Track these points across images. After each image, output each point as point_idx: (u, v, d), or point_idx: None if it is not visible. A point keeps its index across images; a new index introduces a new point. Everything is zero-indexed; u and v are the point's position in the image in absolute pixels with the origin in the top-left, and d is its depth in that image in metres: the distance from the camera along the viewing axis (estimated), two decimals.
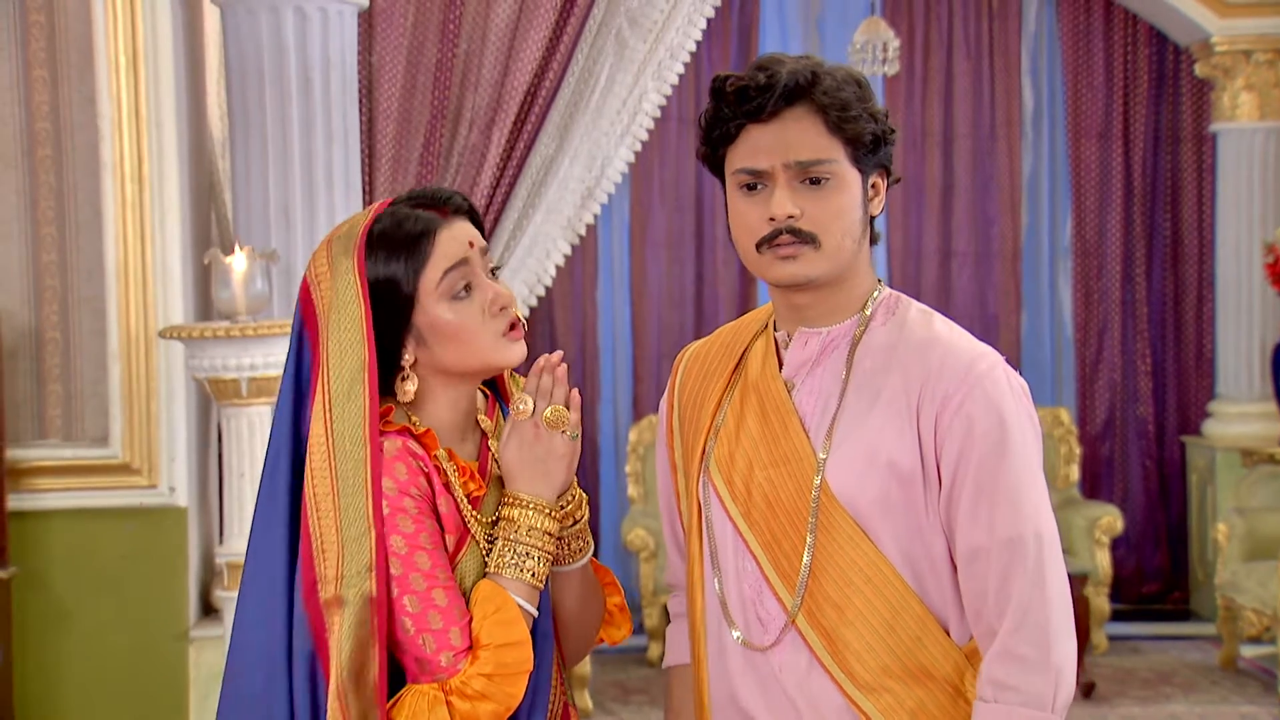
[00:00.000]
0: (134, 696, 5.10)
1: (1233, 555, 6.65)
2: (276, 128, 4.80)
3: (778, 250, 2.05)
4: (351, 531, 1.92)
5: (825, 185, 2.04)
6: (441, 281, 1.99)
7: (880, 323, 2.12)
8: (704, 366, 2.25)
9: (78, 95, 4.98)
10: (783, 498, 2.09)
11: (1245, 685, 6.43)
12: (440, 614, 1.93)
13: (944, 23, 7.66)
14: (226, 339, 4.58)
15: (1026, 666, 1.97)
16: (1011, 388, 2.06)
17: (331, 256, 2.01)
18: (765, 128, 2.05)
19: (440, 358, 2.02)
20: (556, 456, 2.01)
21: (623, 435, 7.60)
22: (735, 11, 7.50)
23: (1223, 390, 7.41)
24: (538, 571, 1.99)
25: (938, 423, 2.03)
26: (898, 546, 2.05)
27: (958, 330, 2.13)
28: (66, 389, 5.06)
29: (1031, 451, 2.05)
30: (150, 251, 4.97)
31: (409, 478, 1.96)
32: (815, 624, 2.06)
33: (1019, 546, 1.99)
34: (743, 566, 2.12)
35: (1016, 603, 1.98)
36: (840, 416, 2.08)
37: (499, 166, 5.45)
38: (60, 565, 5.06)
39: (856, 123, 2.05)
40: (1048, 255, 7.78)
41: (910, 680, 2.04)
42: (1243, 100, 7.27)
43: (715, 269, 7.63)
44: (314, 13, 4.78)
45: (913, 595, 2.04)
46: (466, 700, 1.91)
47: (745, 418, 2.15)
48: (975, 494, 2.01)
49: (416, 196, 2.06)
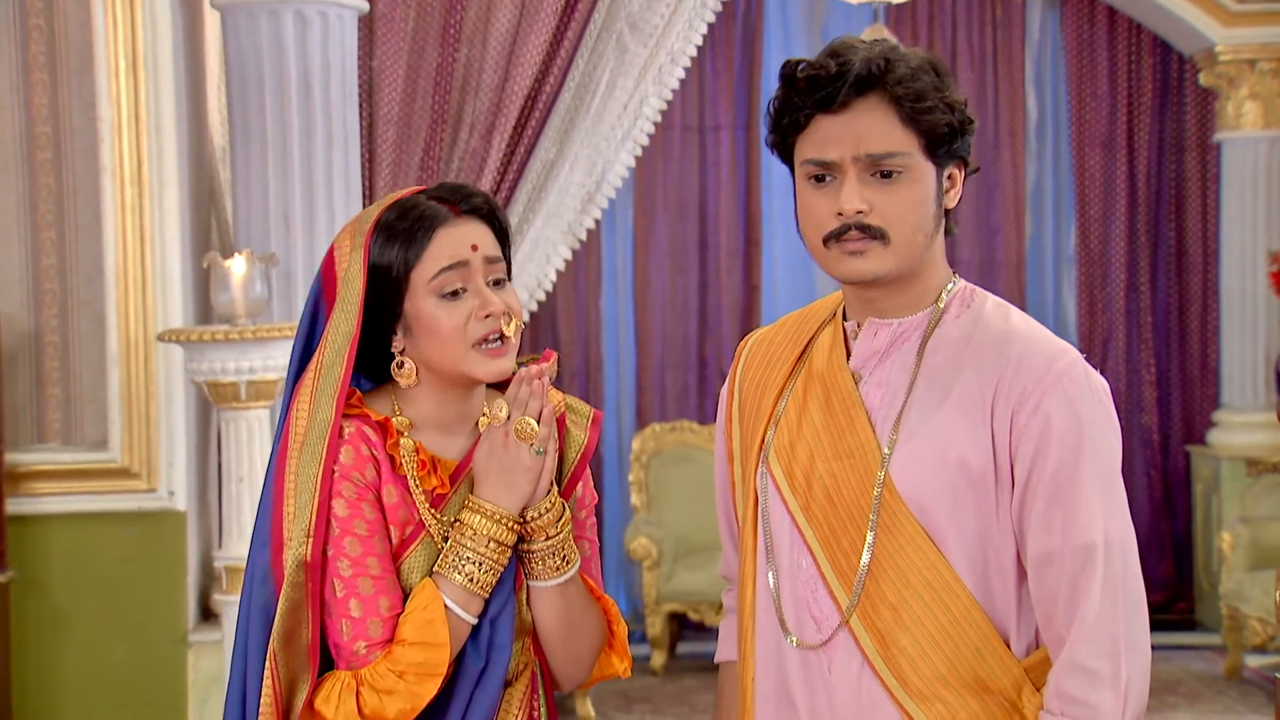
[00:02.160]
0: (132, 701, 5.09)
1: (1237, 565, 6.62)
2: (276, 132, 4.81)
3: (845, 245, 1.98)
4: (303, 497, 1.94)
5: (897, 179, 1.97)
6: (435, 278, 1.99)
7: (954, 315, 2.04)
8: (768, 353, 2.18)
9: (77, 99, 4.98)
10: (844, 492, 2.01)
11: (1250, 695, 6.39)
12: (362, 603, 1.93)
13: (948, 31, 7.66)
14: (225, 342, 4.58)
15: (1095, 680, 1.89)
16: (1092, 387, 1.98)
17: (352, 236, 2.03)
18: (835, 118, 1.97)
19: (423, 352, 2.01)
20: (521, 468, 1.98)
21: (626, 444, 7.59)
22: (739, 19, 7.50)
23: (1227, 399, 7.39)
24: (477, 578, 1.97)
25: (1013, 422, 1.95)
26: (963, 550, 1.97)
27: (1036, 325, 2.05)
28: (66, 393, 5.06)
29: (1111, 454, 1.97)
30: (150, 255, 4.97)
31: (353, 463, 1.96)
32: (870, 625, 1.98)
33: (1092, 554, 1.91)
34: (798, 562, 2.05)
35: (1087, 612, 1.90)
36: (908, 411, 2.00)
37: (499, 171, 5.45)
38: (59, 570, 5.06)
39: (932, 114, 1.96)
40: (1052, 264, 7.77)
41: (965, 691, 1.96)
42: (1247, 109, 7.26)
43: (719, 278, 7.63)
44: (314, 17, 4.79)
45: (974, 603, 1.96)
46: (375, 694, 1.91)
47: (808, 407, 2.08)
48: (1050, 497, 1.93)
49: (440, 189, 2.06)
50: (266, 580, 1.94)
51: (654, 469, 7.33)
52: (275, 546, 1.94)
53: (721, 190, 7.58)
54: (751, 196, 7.60)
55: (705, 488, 7.21)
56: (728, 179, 7.57)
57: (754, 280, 7.64)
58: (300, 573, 1.92)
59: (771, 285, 7.65)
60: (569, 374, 7.56)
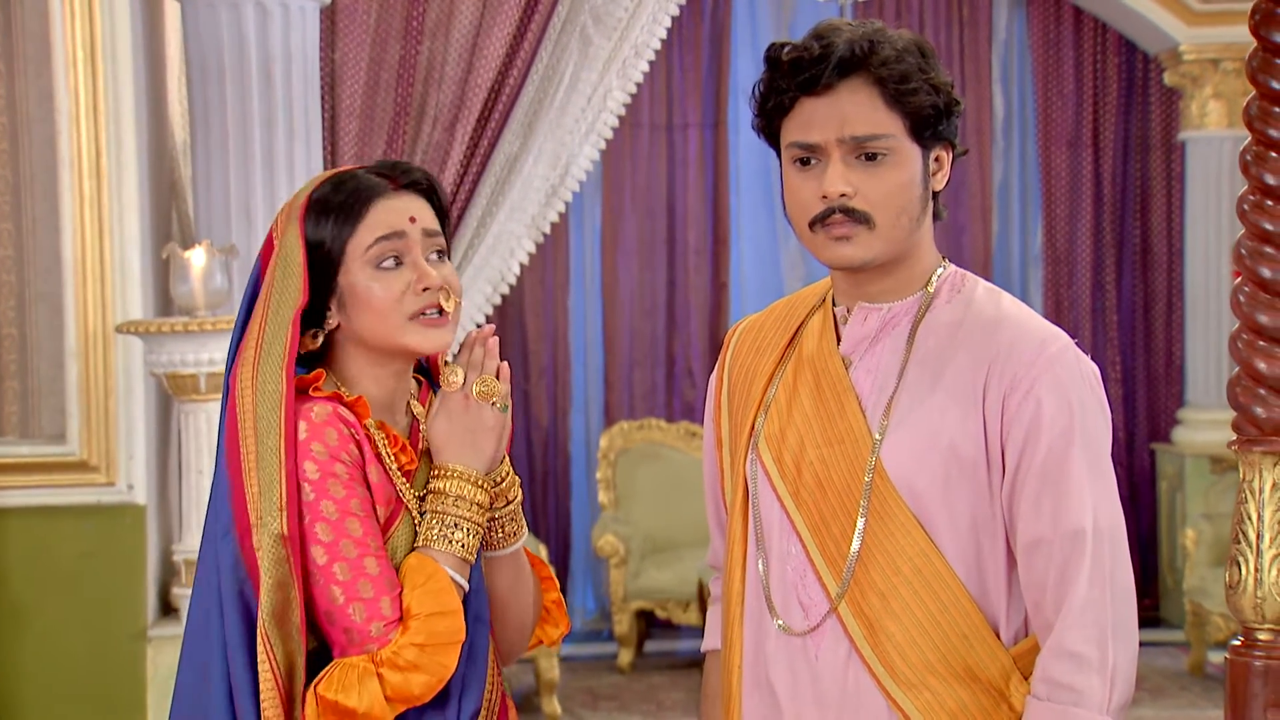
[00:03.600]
0: (92, 696, 5.04)
1: (1200, 561, 6.65)
2: (237, 123, 4.79)
3: (830, 230, 1.96)
4: (266, 472, 1.90)
5: (881, 161, 1.96)
6: (371, 248, 1.96)
7: (945, 300, 2.04)
8: (757, 340, 2.16)
9: (35, 89, 4.95)
10: (835, 478, 2.01)
11: (1213, 691, 6.41)
12: (371, 582, 1.89)
13: (914, 30, 7.67)
14: (185, 334, 4.56)
15: (1082, 665, 1.89)
16: (1083, 373, 1.97)
17: (288, 212, 2.01)
18: (819, 100, 1.96)
19: (358, 326, 1.99)
20: (486, 429, 1.98)
21: (594, 442, 7.58)
22: (706, 18, 7.50)
23: (1192, 398, 7.42)
24: (467, 543, 1.95)
25: (1005, 406, 1.95)
26: (954, 537, 1.96)
27: (1027, 310, 2.04)
28: (23, 385, 5.02)
29: (1102, 440, 1.96)
30: (108, 247, 4.93)
31: (339, 443, 1.92)
32: (858, 612, 1.97)
33: (1082, 540, 1.91)
34: (787, 548, 2.04)
35: (1075, 598, 1.90)
36: (899, 396, 1.99)
37: (462, 164, 5.43)
38: (17, 564, 5.01)
39: (916, 95, 1.95)
40: (1018, 263, 7.79)
41: (953, 680, 1.95)
42: (1211, 109, 7.29)
43: (687, 276, 7.63)
44: (275, 8, 4.77)
45: (964, 591, 1.96)
46: (398, 671, 1.86)
47: (799, 393, 2.07)
48: (1040, 482, 1.93)
49: (379, 165, 2.04)
50: (237, 566, 1.89)
51: (621, 467, 7.32)
52: (242, 530, 1.89)
53: (689, 188, 7.59)
54: (719, 194, 7.61)
55: (673, 486, 7.21)
56: (695, 177, 7.58)
57: (722, 278, 7.64)
58: (281, 546, 1.87)
59: (739, 283, 7.65)
60: (537, 372, 7.55)
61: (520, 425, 7.51)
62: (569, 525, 7.63)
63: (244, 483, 1.91)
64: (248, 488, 1.90)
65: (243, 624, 1.89)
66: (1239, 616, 1.92)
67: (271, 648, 1.87)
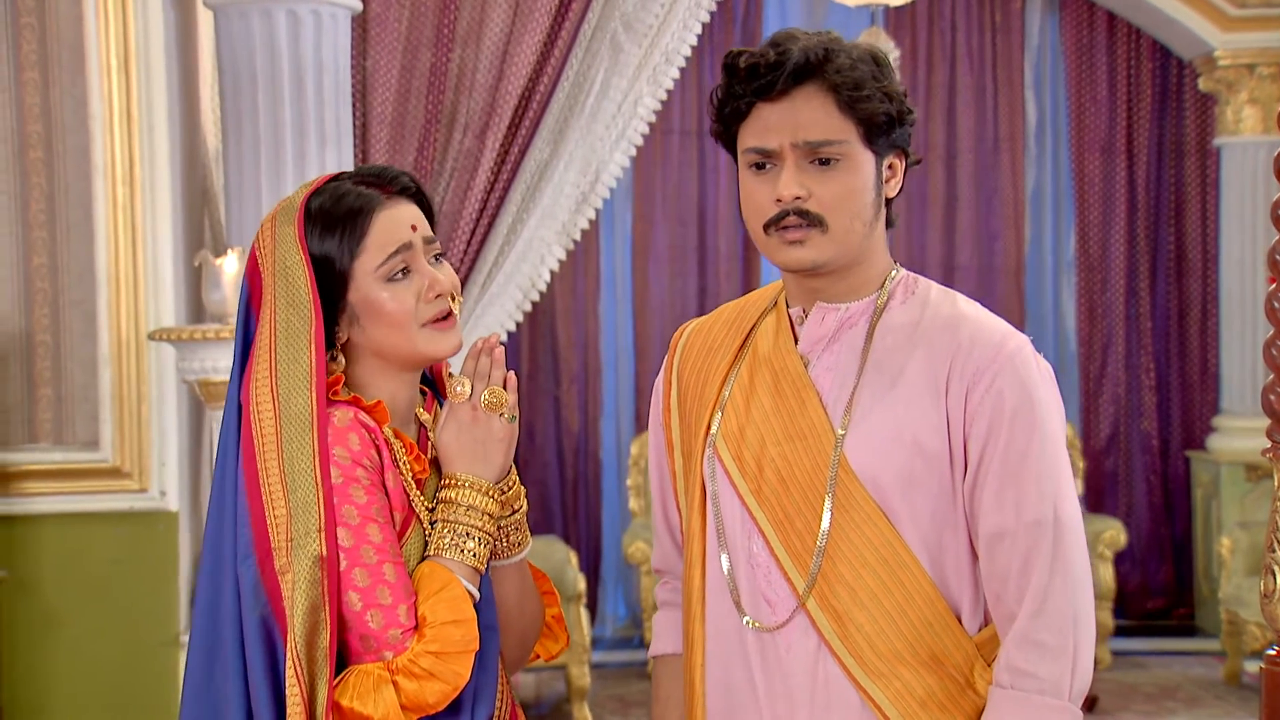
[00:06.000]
0: (123, 702, 5.07)
1: (1237, 569, 6.59)
2: (269, 131, 4.80)
3: (785, 234, 2.02)
4: (299, 495, 1.89)
5: (835, 166, 2.01)
6: (383, 265, 1.97)
7: (900, 301, 2.09)
8: (707, 342, 2.20)
9: (69, 98, 4.98)
10: (797, 474, 2.04)
11: (1249, 700, 6.36)
12: (390, 589, 1.89)
13: (947, 35, 7.65)
14: (217, 341, 4.57)
15: (1045, 653, 1.94)
16: (1040, 370, 2.03)
17: (275, 228, 1.99)
18: (775, 106, 2.01)
19: (374, 339, 1.99)
20: (495, 439, 1.99)
21: (625, 449, 7.57)
22: (737, 24, 7.49)
23: (1227, 405, 7.36)
24: (478, 553, 1.96)
25: (967, 400, 2.00)
26: (916, 529, 2.00)
27: (982, 310, 2.10)
28: (57, 392, 5.05)
29: (1059, 436, 2.02)
30: (141, 254, 4.96)
31: (361, 448, 1.93)
32: (826, 606, 2.01)
33: (1043, 530, 1.96)
34: (749, 546, 2.07)
35: (1038, 587, 1.95)
36: (860, 393, 2.03)
37: (493, 171, 5.44)
38: (50, 570, 5.04)
39: (869, 102, 2.01)
40: (1051, 270, 7.74)
41: (922, 667, 2.00)
42: (1246, 114, 7.23)
43: (718, 283, 7.61)
44: (307, 15, 4.78)
45: (928, 579, 2.00)
46: (414, 680, 1.87)
47: (756, 392, 2.10)
48: (1001, 474, 1.98)
49: (362, 173, 2.04)
50: (258, 592, 1.88)
51: None
52: (262, 556, 1.88)
53: (720, 195, 7.57)
54: None
55: None
56: (726, 184, 7.56)
57: (753, 284, 7.62)
58: (318, 569, 1.86)
59: None
60: (568, 379, 7.54)
61: (551, 432, 7.51)
62: (600, 532, 7.62)
63: (264, 507, 1.89)
64: (269, 512, 1.89)
65: (265, 653, 1.88)
66: (1274, 625, 1.91)
67: (300, 670, 1.85)
